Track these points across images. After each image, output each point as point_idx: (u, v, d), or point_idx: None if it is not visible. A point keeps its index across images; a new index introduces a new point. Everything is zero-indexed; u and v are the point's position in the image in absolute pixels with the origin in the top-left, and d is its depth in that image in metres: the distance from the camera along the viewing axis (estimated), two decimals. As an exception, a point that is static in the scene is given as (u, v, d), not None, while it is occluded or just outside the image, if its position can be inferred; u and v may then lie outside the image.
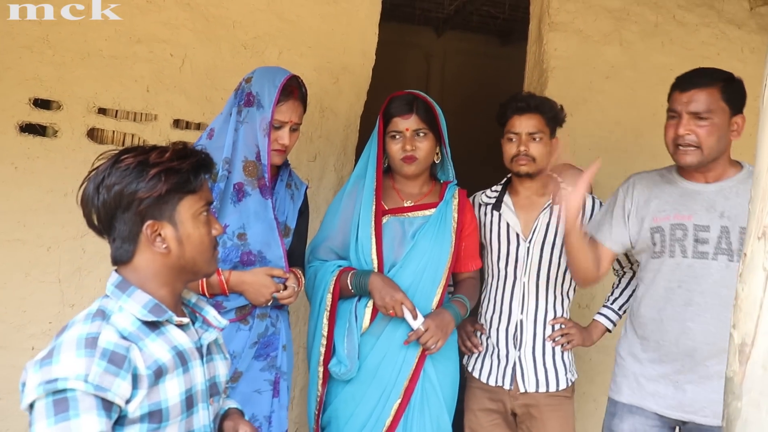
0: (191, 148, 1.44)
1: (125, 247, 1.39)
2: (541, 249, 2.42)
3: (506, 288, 2.44)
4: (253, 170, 2.08)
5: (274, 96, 2.05)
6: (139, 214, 1.37)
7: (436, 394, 2.23)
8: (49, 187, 2.72)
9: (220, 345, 1.58)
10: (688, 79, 2.08)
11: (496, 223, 2.48)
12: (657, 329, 2.13)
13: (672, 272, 2.11)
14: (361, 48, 3.05)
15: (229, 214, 2.06)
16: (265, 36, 2.92)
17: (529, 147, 2.38)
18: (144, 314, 1.36)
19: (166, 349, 1.36)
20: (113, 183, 1.35)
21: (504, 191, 2.52)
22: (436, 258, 2.24)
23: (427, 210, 2.31)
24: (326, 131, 3.03)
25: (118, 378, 1.25)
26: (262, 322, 2.12)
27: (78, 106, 2.75)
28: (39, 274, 2.75)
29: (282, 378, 2.17)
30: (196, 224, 1.42)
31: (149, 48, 2.80)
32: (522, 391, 2.38)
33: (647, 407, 2.16)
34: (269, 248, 2.11)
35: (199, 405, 1.43)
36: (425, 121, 2.24)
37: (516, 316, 2.42)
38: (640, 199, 2.19)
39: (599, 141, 3.19)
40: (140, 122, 2.82)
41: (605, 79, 3.26)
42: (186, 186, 1.39)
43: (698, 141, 2.03)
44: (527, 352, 2.40)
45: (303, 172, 2.97)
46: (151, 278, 1.41)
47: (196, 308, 1.55)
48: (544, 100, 2.46)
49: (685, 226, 2.09)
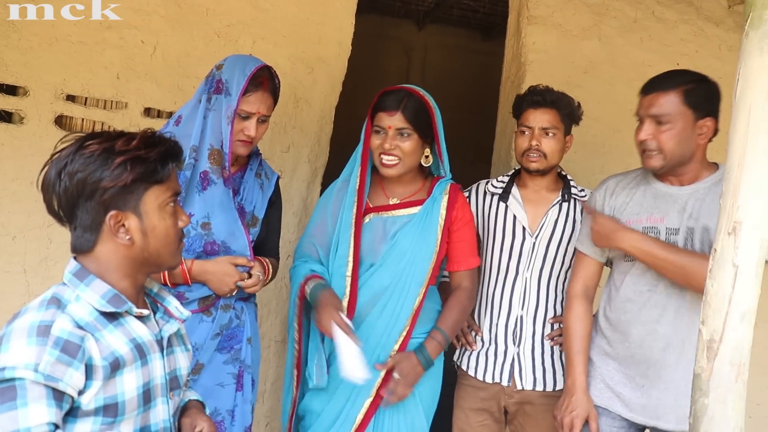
0: (160, 136, 1.40)
1: (86, 236, 1.35)
2: (547, 245, 2.37)
3: (507, 282, 2.40)
4: (218, 159, 2.03)
5: (242, 84, 2.00)
6: (102, 204, 1.32)
7: (412, 394, 2.16)
8: (15, 175, 2.65)
9: (182, 336, 1.54)
10: (653, 82, 2.05)
11: (502, 214, 2.42)
12: (625, 332, 2.10)
13: (642, 275, 2.07)
14: (336, 38, 3.00)
15: (194, 202, 2.02)
16: (238, 24, 2.87)
17: (541, 142, 2.34)
18: (102, 304, 1.32)
19: (123, 342, 1.32)
20: (76, 170, 1.30)
21: (511, 182, 2.47)
22: (420, 258, 2.17)
23: (413, 207, 2.23)
24: (300, 122, 2.98)
25: (70, 368, 1.21)
26: (225, 313, 2.07)
27: (45, 92, 2.69)
28: (3, 264, 2.68)
29: (246, 371, 2.13)
30: (162, 215, 1.38)
31: (120, 34, 2.73)
32: (519, 389, 2.35)
33: (611, 408, 2.13)
34: (234, 238, 2.06)
35: (158, 399, 1.39)
36: (411, 121, 2.14)
37: (516, 312, 2.38)
38: (617, 203, 2.15)
39: (577, 136, 3.09)
40: (110, 110, 2.76)
41: (583, 74, 3.24)
42: (152, 176, 1.35)
43: (659, 146, 2.00)
44: (526, 349, 2.36)
45: (276, 162, 2.92)
46: (113, 269, 1.36)
47: (158, 298, 1.51)
48: (561, 96, 2.41)
49: (657, 229, 2.05)
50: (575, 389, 2.12)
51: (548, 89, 2.42)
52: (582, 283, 2.21)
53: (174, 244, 1.42)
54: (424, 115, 2.18)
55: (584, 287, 2.21)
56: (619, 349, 2.11)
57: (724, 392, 1.40)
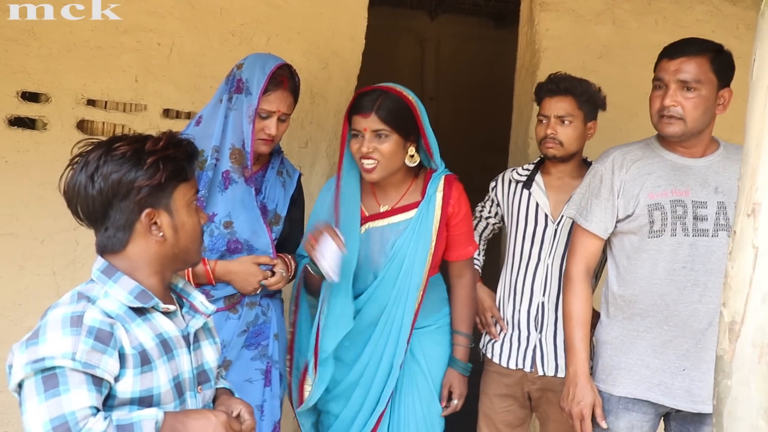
0: (183, 138, 1.45)
1: (119, 236, 1.39)
2: (569, 232, 2.36)
3: (529, 269, 2.40)
4: (239, 158, 2.06)
5: (262, 83, 2.02)
6: (138, 203, 1.37)
7: (425, 378, 2.22)
8: (40, 180, 2.71)
9: (210, 329, 1.57)
10: (678, 47, 2.01)
11: (525, 201, 2.43)
12: (660, 314, 2.00)
13: (674, 252, 1.99)
14: (350, 32, 3.01)
15: (216, 202, 2.05)
16: (252, 22, 2.89)
17: (557, 130, 2.34)
18: (130, 300, 1.37)
19: (150, 336, 1.37)
20: (110, 171, 1.35)
21: (536, 170, 2.47)
22: (417, 263, 2.16)
23: (408, 212, 2.18)
24: (317, 117, 3.01)
25: (105, 355, 1.27)
26: (251, 310, 2.11)
27: (66, 98, 2.74)
28: (33, 267, 2.74)
29: (273, 367, 2.16)
30: (189, 212, 1.44)
31: (136, 38, 2.77)
32: (540, 374, 2.36)
33: (652, 399, 2.03)
34: (256, 236, 2.09)
35: (187, 394, 1.43)
36: (387, 121, 2.06)
37: (537, 298, 2.38)
38: (628, 175, 2.06)
39: (592, 121, 3.16)
40: (130, 113, 2.81)
41: (598, 59, 3.22)
42: (181, 174, 1.41)
43: (683, 113, 1.96)
44: (548, 335, 2.37)
45: (294, 158, 2.94)
46: (142, 267, 1.41)
47: (183, 294, 1.55)
48: (577, 83, 2.40)
49: (684, 203, 1.99)
50: (579, 377, 2.04)
51: (565, 77, 2.41)
52: (584, 263, 2.11)
53: (200, 240, 1.48)
54: (403, 112, 2.10)
55: (586, 267, 2.11)
56: (654, 333, 2.03)
57: (746, 374, 1.41)
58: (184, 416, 1.34)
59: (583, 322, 2.09)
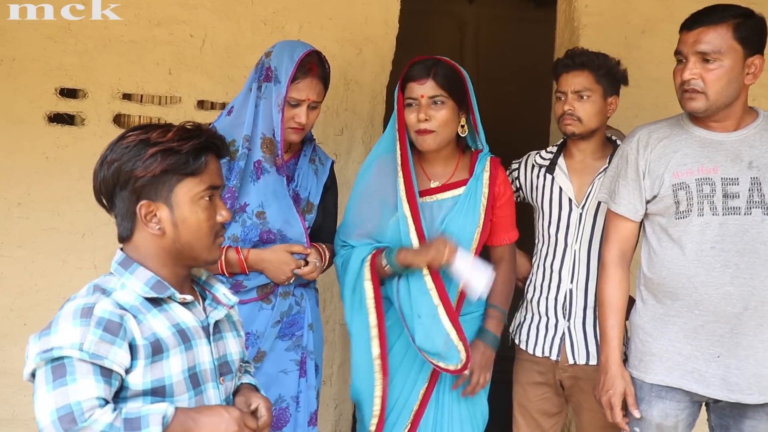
0: (199, 129, 1.41)
1: (124, 224, 1.39)
2: (595, 216, 2.29)
3: (556, 255, 2.33)
4: (270, 147, 2.03)
5: (290, 71, 1.99)
6: (135, 193, 1.35)
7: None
8: (80, 175, 2.75)
9: (234, 322, 1.55)
10: (696, 16, 1.89)
11: (549, 186, 2.36)
12: (690, 298, 1.92)
13: (702, 233, 1.89)
14: (383, 17, 2.96)
15: (249, 192, 2.03)
16: (284, 10, 2.87)
17: (574, 106, 2.25)
18: (146, 291, 1.36)
19: (166, 326, 1.35)
20: (113, 159, 1.35)
21: (559, 153, 2.39)
22: (464, 240, 2.12)
23: (457, 189, 2.17)
24: (352, 104, 2.97)
25: (114, 346, 1.26)
26: (285, 300, 2.08)
27: (103, 93, 2.77)
28: (75, 261, 2.79)
29: (309, 357, 2.13)
30: (194, 208, 1.39)
31: (169, 30, 2.79)
32: (570, 363, 2.28)
33: (685, 387, 1.93)
34: (289, 226, 2.07)
35: (209, 384, 1.41)
36: (444, 87, 2.07)
37: (566, 285, 2.30)
38: (653, 154, 1.96)
39: (637, 99, 3.03)
40: (165, 105, 2.83)
41: (641, 34, 3.09)
42: (183, 168, 1.36)
43: (704, 86, 1.84)
44: (577, 323, 2.29)
45: (330, 146, 2.93)
46: (151, 257, 1.39)
47: (206, 286, 1.53)
48: (593, 56, 2.31)
49: (712, 180, 1.89)
50: (609, 365, 1.99)
51: (579, 51, 2.34)
52: (618, 248, 2.04)
53: (207, 238, 1.42)
54: (457, 81, 2.11)
55: (620, 252, 2.05)
56: (685, 318, 1.93)
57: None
58: (196, 412, 1.32)
59: (617, 309, 2.02)
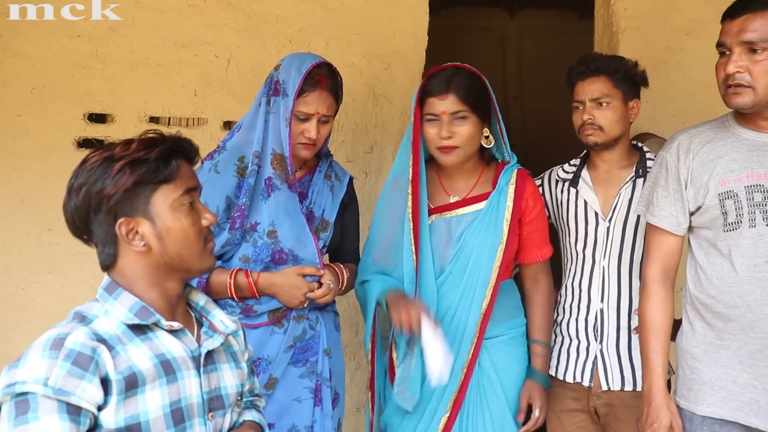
0: (162, 136, 1.34)
1: (106, 251, 1.32)
2: (623, 229, 2.14)
3: (584, 273, 2.18)
4: (281, 163, 1.95)
5: (297, 84, 1.91)
6: (110, 213, 1.28)
7: (496, 393, 2.03)
8: (109, 200, 2.73)
9: (234, 352, 1.45)
10: (740, 3, 1.72)
11: (573, 201, 2.22)
12: (744, 319, 1.70)
13: (754, 246, 1.70)
14: (411, 29, 2.89)
15: (259, 210, 1.95)
16: (309, 27, 2.83)
17: (593, 114, 2.12)
18: (129, 318, 1.27)
19: (147, 356, 1.26)
20: (81, 184, 1.28)
21: (582, 165, 2.26)
22: (485, 256, 2.00)
23: (478, 203, 2.05)
24: (381, 120, 2.89)
25: (83, 381, 1.17)
26: (298, 324, 1.98)
27: (130, 117, 2.77)
28: (101, 283, 2.77)
29: (324, 385, 2.02)
30: (175, 216, 1.32)
31: (194, 51, 2.78)
32: (604, 389, 2.12)
33: (742, 420, 1.71)
34: (301, 245, 1.97)
35: (194, 420, 1.31)
36: (466, 101, 1.97)
37: (596, 305, 2.15)
38: (696, 161, 1.80)
39: (683, 105, 2.87)
40: (191, 127, 2.80)
41: (685, 36, 2.93)
42: (155, 176, 1.29)
43: (751, 80, 1.67)
44: (610, 345, 2.12)
45: (360, 164, 2.86)
46: (137, 280, 1.32)
47: (203, 312, 1.44)
48: (609, 60, 2.18)
49: (764, 187, 1.70)
50: (653, 395, 1.80)
51: (594, 56, 2.21)
52: (660, 265, 1.86)
53: (196, 244, 1.35)
54: (479, 91, 2.01)
55: (663, 269, 1.86)
56: (739, 342, 1.72)
57: None
58: None
59: (660, 332, 1.84)
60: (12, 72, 2.76)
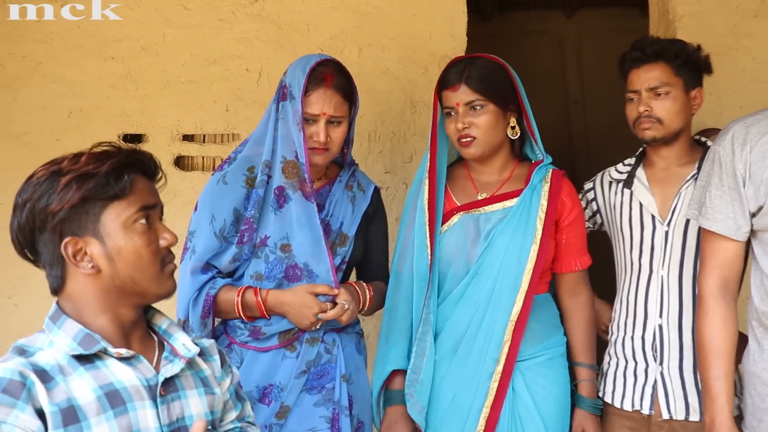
0: (115, 148, 1.24)
1: (54, 273, 1.21)
2: (684, 233, 1.90)
3: (640, 285, 1.95)
4: (293, 171, 1.82)
5: (302, 84, 1.78)
6: (55, 232, 1.18)
7: (534, 422, 1.82)
8: (143, 221, 2.69)
9: (206, 377, 1.33)
10: None
11: (627, 203, 2.00)
12: None
13: None
14: (449, 31, 2.74)
15: (270, 223, 1.82)
16: (341, 35, 2.72)
17: (651, 106, 1.90)
18: (73, 347, 1.17)
19: (90, 388, 1.15)
20: (25, 200, 1.19)
21: (638, 164, 2.04)
22: (516, 258, 1.83)
23: (508, 200, 1.89)
24: (420, 128, 2.74)
25: (15, 409, 1.08)
26: (312, 348, 1.82)
27: (163, 135, 2.75)
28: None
29: (342, 414, 1.84)
30: (128, 235, 1.20)
31: (224, 66, 2.73)
32: (666, 417, 1.87)
33: None
34: (316, 260, 1.82)
35: None
36: (480, 90, 1.84)
37: (653, 321, 1.91)
38: (754, 154, 1.59)
39: (752, 95, 2.59)
40: (224, 143, 2.74)
41: (753, 19, 2.65)
42: (105, 191, 1.18)
43: None
44: (672, 367, 1.88)
45: (399, 175, 2.72)
46: (86, 305, 1.21)
47: (165, 336, 1.32)
48: (668, 44, 1.96)
49: None
50: (717, 428, 1.58)
51: (650, 40, 1.99)
52: (718, 275, 1.66)
53: (151, 266, 1.22)
54: (497, 77, 1.88)
55: (722, 281, 1.66)
56: None
57: None
58: None
59: (722, 354, 1.62)
60: (50, 97, 2.78)
